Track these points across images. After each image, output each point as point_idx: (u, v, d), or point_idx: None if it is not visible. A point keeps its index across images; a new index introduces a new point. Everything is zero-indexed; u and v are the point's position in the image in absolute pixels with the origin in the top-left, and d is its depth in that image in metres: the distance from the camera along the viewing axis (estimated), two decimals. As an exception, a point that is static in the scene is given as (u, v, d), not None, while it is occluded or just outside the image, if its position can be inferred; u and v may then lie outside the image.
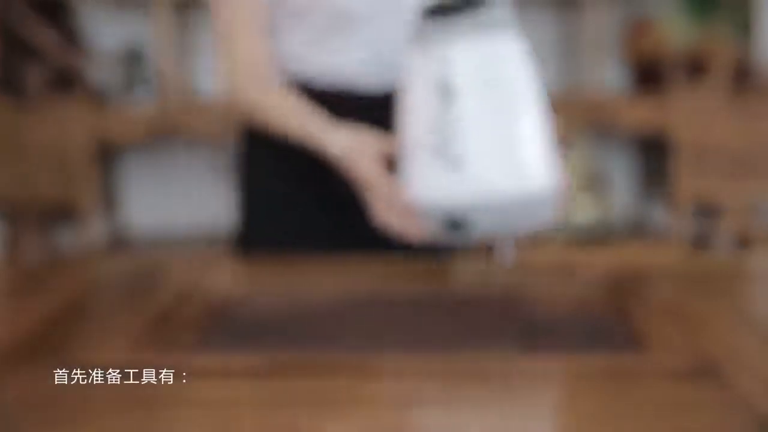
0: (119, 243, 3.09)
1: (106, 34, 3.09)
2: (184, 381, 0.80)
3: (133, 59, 2.96)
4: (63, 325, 0.98)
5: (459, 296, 1.02)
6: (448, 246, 1.10)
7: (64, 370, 0.82)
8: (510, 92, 0.98)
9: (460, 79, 0.97)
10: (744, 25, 3.05)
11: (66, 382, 0.80)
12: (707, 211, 3.12)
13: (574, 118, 2.76)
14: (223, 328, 0.96)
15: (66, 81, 2.91)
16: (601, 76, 3.12)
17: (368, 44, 1.22)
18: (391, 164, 1.08)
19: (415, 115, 1.01)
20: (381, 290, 1.08)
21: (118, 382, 0.80)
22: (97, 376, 0.81)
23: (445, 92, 0.97)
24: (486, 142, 0.96)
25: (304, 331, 0.95)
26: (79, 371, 0.82)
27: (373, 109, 1.22)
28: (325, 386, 0.79)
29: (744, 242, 3.06)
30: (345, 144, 1.12)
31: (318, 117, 1.17)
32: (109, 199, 3.12)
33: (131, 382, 0.80)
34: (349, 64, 1.23)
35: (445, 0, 1.01)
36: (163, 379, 0.81)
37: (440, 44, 0.98)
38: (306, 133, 1.16)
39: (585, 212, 2.53)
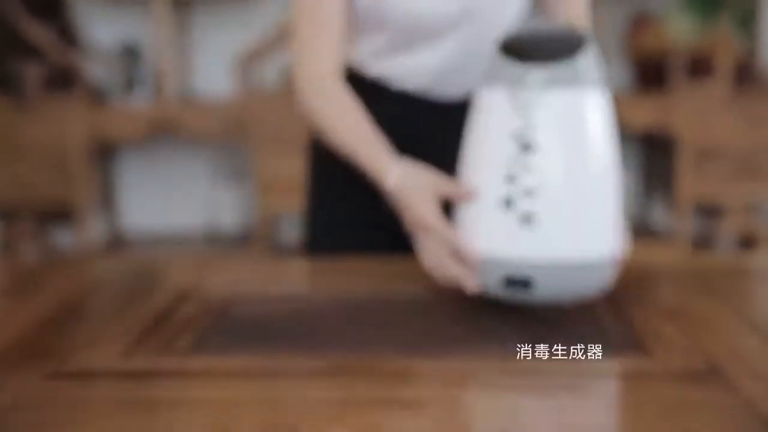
0: (117, 243, 3.08)
1: (103, 31, 3.07)
2: (183, 382, 0.80)
3: (130, 57, 2.94)
4: (61, 325, 0.97)
5: (459, 297, 1.01)
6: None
7: (62, 371, 0.82)
8: (590, 151, 0.91)
9: (542, 133, 0.89)
10: (748, 24, 3.03)
11: (64, 384, 0.80)
12: (709, 211, 3.11)
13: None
14: (222, 328, 0.96)
15: (63, 79, 2.90)
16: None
17: (441, 55, 1.21)
18: (447, 207, 1.00)
19: (487, 161, 0.94)
20: (381, 290, 1.07)
21: (117, 384, 0.80)
22: (95, 377, 0.81)
23: (524, 145, 0.89)
24: (561, 201, 0.90)
25: (303, 331, 0.94)
26: (77, 372, 0.82)
27: (446, 115, 1.23)
28: (325, 387, 0.79)
29: (747, 242, 3.05)
30: (402, 179, 1.06)
31: (378, 141, 1.12)
32: (106, 199, 3.10)
33: (130, 383, 0.80)
34: (422, 73, 1.23)
35: (523, 34, 0.94)
36: (162, 381, 0.80)
37: (523, 92, 0.90)
38: (363, 156, 1.12)
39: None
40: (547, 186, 0.90)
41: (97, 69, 2.99)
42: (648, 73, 3.02)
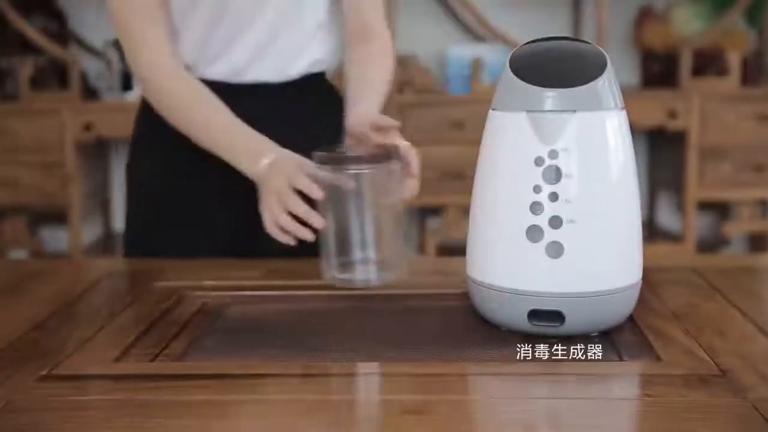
0: (111, 242, 3.05)
1: (97, 27, 3.05)
2: (179, 384, 0.79)
3: (124, 53, 2.90)
4: (55, 327, 0.96)
5: (458, 298, 0.99)
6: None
7: (56, 374, 0.81)
8: (616, 176, 0.88)
9: (569, 160, 0.85)
10: (756, 18, 2.99)
11: (58, 386, 0.79)
12: (719, 210, 3.07)
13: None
14: (218, 330, 0.95)
15: (56, 76, 2.87)
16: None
17: (254, 36, 1.24)
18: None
19: (508, 189, 0.89)
20: (379, 291, 1.06)
21: (112, 386, 0.79)
22: (90, 380, 0.80)
23: (551, 172, 0.85)
24: (591, 230, 0.86)
25: (301, 333, 0.93)
26: (71, 375, 0.81)
27: (263, 97, 1.27)
28: (323, 390, 0.78)
29: (756, 242, 3.02)
30: (277, 157, 1.12)
31: (240, 125, 1.17)
32: (100, 197, 3.07)
33: (125, 385, 0.79)
34: (236, 56, 1.26)
35: (537, 54, 0.91)
36: (157, 383, 0.79)
37: (546, 117, 0.86)
38: (238, 137, 1.17)
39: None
40: (575, 215, 0.86)
41: (91, 65, 2.97)
42: (655, 68, 2.97)
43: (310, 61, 1.30)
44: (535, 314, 0.88)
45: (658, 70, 2.97)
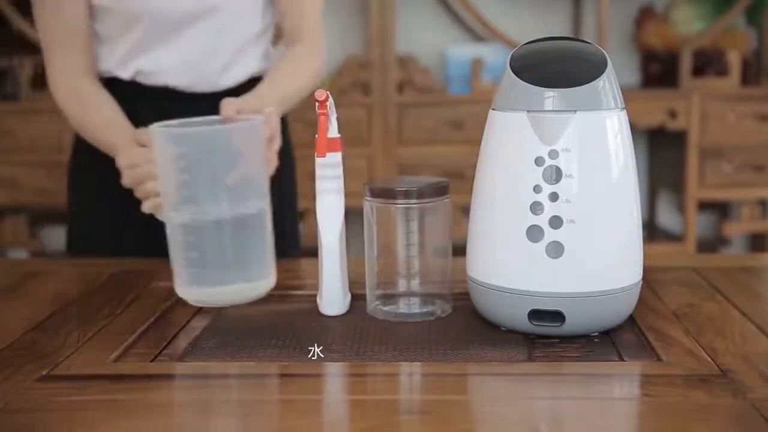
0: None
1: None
2: (178, 385, 0.79)
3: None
4: (54, 327, 0.96)
5: (458, 298, 0.99)
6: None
7: (55, 374, 0.81)
8: (616, 176, 0.87)
9: (569, 160, 0.85)
10: (756, 17, 2.98)
11: (57, 386, 0.78)
12: (718, 210, 3.07)
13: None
14: (218, 330, 0.95)
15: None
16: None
17: (185, 53, 1.30)
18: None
19: (508, 189, 0.89)
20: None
21: (111, 386, 0.79)
22: (89, 380, 0.80)
23: (551, 172, 0.85)
24: (591, 230, 0.86)
25: (301, 332, 0.93)
26: (70, 375, 0.81)
27: (196, 105, 1.28)
28: (324, 390, 0.79)
29: (756, 242, 3.01)
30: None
31: (119, 121, 1.24)
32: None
33: (124, 385, 0.79)
34: (170, 72, 1.31)
35: (538, 55, 0.91)
36: (156, 383, 0.79)
37: (547, 117, 0.86)
38: (106, 135, 1.24)
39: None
40: (576, 215, 0.86)
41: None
42: (655, 68, 2.97)
43: (244, 72, 1.35)
44: (535, 314, 0.88)
45: (658, 70, 2.97)
